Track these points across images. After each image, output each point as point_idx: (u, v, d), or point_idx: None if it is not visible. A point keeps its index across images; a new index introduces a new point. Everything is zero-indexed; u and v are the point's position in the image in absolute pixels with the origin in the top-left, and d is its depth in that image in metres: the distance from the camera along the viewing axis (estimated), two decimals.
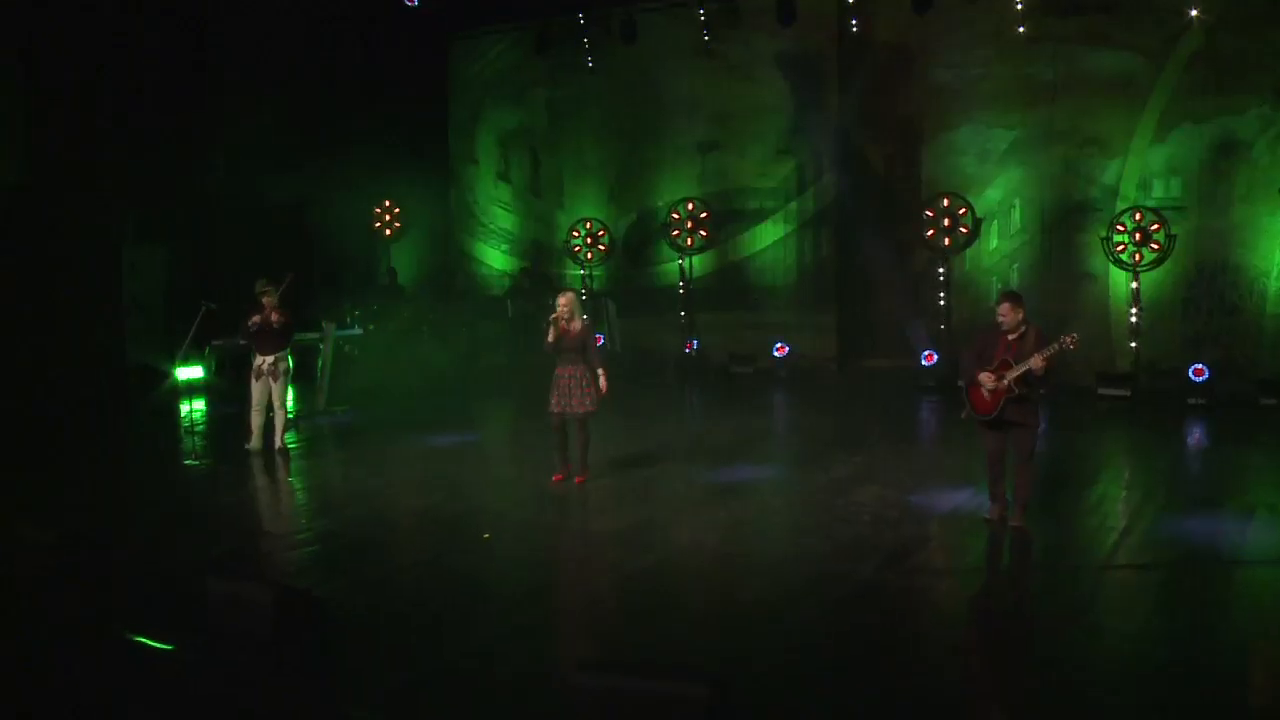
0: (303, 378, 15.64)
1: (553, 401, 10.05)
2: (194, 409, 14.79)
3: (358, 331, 17.05)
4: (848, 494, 9.83)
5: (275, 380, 11.99)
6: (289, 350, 12.19)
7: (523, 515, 9.35)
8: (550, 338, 9.94)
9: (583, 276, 19.57)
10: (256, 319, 11.86)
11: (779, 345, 17.71)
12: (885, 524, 8.92)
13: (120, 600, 7.00)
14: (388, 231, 19.98)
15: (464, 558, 8.16)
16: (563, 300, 9.96)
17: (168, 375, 14.21)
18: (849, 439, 12.41)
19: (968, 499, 9.53)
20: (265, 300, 11.88)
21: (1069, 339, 8.50)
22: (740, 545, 8.40)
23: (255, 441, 12.24)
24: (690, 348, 18.15)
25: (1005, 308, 8.66)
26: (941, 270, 16.22)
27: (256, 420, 12.20)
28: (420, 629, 6.70)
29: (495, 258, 21.49)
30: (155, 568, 7.71)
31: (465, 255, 21.69)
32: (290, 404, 15.20)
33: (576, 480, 10.13)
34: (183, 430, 12.75)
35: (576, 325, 9.96)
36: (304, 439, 13.17)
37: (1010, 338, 8.67)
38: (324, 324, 14.76)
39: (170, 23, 17.50)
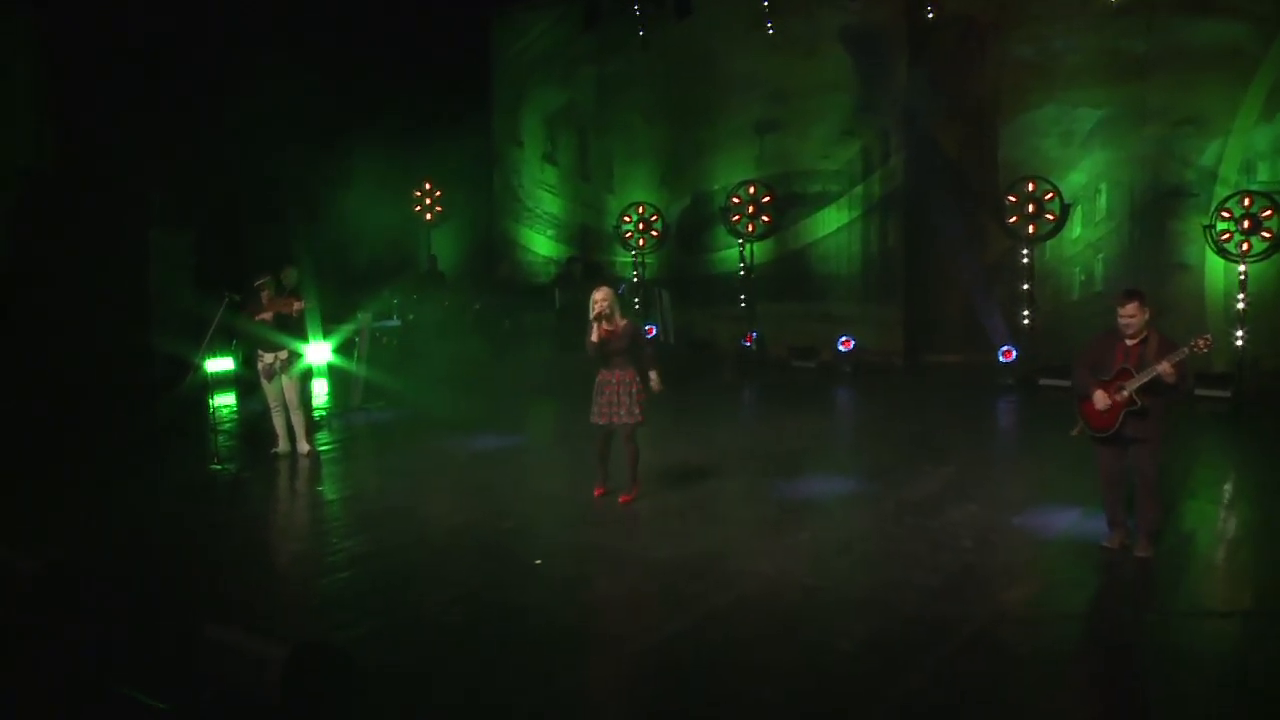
0: (337, 373, 14.81)
1: (596, 412, 9.00)
2: (222, 405, 13.98)
3: (395, 323, 16.10)
4: (941, 514, 8.74)
5: (287, 376, 11.09)
6: (298, 344, 11.26)
7: (574, 538, 8.33)
8: (594, 337, 8.90)
9: (634, 264, 18.53)
10: (265, 315, 10.97)
11: (844, 339, 16.58)
12: (990, 552, 7.85)
13: (109, 645, 6.04)
14: (428, 216, 19.00)
15: (510, 593, 7.14)
16: (599, 296, 8.94)
17: (195, 367, 13.34)
18: (931, 446, 11.30)
19: (1078, 522, 8.41)
20: (264, 295, 11.00)
21: (1202, 341, 7.43)
22: (829, 577, 7.33)
23: (282, 444, 11.37)
24: (749, 340, 17.05)
25: (1132, 308, 7.54)
26: (1026, 258, 14.97)
27: (278, 421, 11.34)
28: (457, 688, 5.71)
29: (541, 244, 20.52)
30: (157, 602, 6.76)
31: (510, 241, 20.75)
32: (325, 400, 14.38)
33: (622, 500, 9.10)
34: (209, 429, 11.85)
35: (620, 322, 8.95)
36: (336, 439, 12.26)
37: (1130, 343, 7.56)
38: (359, 315, 13.83)
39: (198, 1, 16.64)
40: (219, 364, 15.29)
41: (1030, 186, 14.62)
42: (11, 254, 15.22)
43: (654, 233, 18.28)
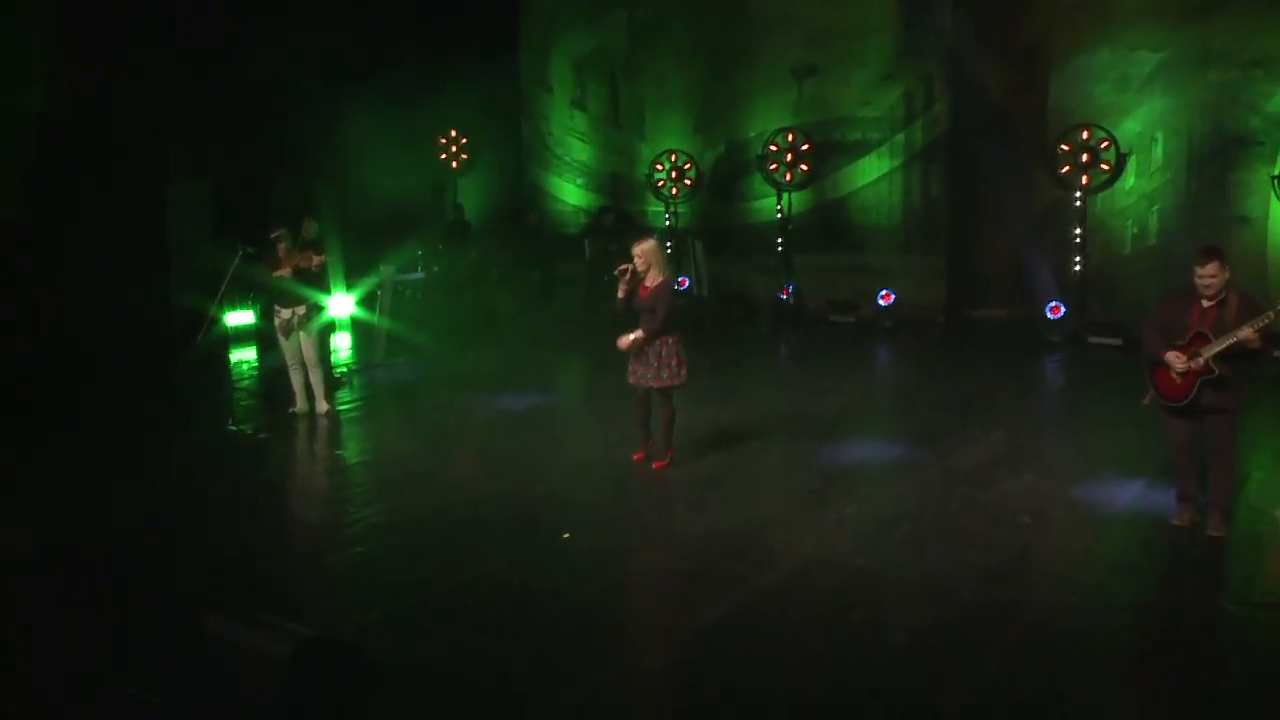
0: (360, 326, 14.38)
1: (632, 370, 8.52)
2: (242, 360, 13.58)
3: (419, 275, 15.61)
4: (994, 484, 8.21)
5: (306, 333, 10.64)
6: (318, 299, 10.80)
7: (605, 509, 7.85)
8: (621, 293, 8.36)
9: (666, 214, 17.94)
10: (283, 270, 10.50)
11: (884, 293, 15.98)
12: (1049, 529, 7.33)
13: (104, 631, 5.63)
14: (454, 164, 18.44)
15: (535, 571, 6.68)
16: (639, 250, 8.35)
17: (211, 322, 12.93)
18: (980, 408, 10.75)
19: (1142, 495, 7.87)
20: (280, 248, 10.53)
21: None
22: (878, 557, 6.83)
23: (300, 403, 10.96)
24: (786, 293, 16.46)
25: (1212, 267, 6.92)
26: (1078, 210, 14.26)
27: (296, 380, 10.92)
28: (473, 683, 5.28)
29: (571, 192, 19.93)
30: (159, 582, 6.35)
31: (539, 190, 20.15)
32: (348, 355, 13.95)
33: (655, 466, 8.64)
34: (227, 387, 11.46)
35: (656, 279, 8.37)
36: (358, 397, 11.84)
37: (1207, 304, 6.95)
38: (381, 268, 13.35)
39: None
40: (239, 317, 14.92)
41: (1084, 134, 13.89)
42: (27, 204, 14.82)
43: (687, 181, 17.68)
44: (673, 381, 8.39)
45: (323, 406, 10.90)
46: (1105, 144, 13.82)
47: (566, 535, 7.26)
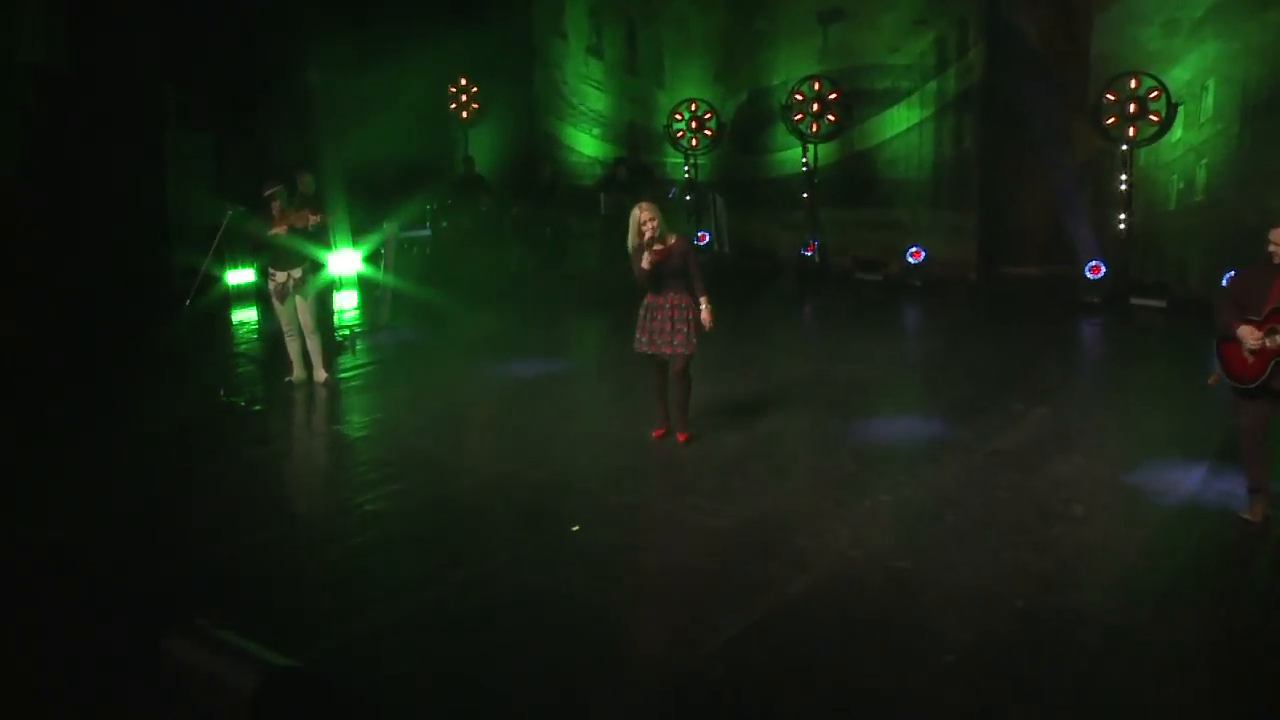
0: (368, 286, 13.75)
1: (644, 340, 7.90)
2: (243, 321, 12.98)
3: (425, 232, 14.92)
4: (1042, 468, 7.55)
5: (302, 297, 10.02)
6: (317, 260, 10.17)
7: (618, 496, 7.21)
8: (645, 264, 7.66)
9: (685, 166, 17.18)
10: (278, 229, 9.86)
11: (913, 250, 15.25)
12: (1107, 522, 6.66)
13: (55, 644, 5.06)
14: (464, 115, 17.65)
15: (539, 573, 6.05)
16: (646, 215, 7.65)
17: (207, 282, 12.31)
18: (1020, 378, 10.07)
19: (1206, 483, 7.21)
20: (275, 206, 9.88)
21: None
22: (918, 556, 6.17)
23: (297, 372, 10.37)
24: (810, 250, 15.73)
25: None
26: (1124, 164, 13.44)
27: (293, 347, 10.32)
28: (475, 709, 4.69)
29: (586, 143, 19.19)
30: (127, 584, 5.77)
31: (553, 140, 19.42)
32: (353, 317, 13.34)
33: (679, 438, 8.06)
34: (221, 352, 10.87)
35: (671, 240, 7.74)
36: (360, 364, 11.21)
37: None
38: (384, 225, 12.68)
39: None
40: (240, 276, 14.29)
41: (1133, 83, 13.03)
42: (26, 158, 14.24)
43: (707, 132, 16.91)
44: (694, 349, 7.81)
45: (321, 375, 10.31)
46: (1155, 93, 12.96)
47: (575, 528, 6.65)
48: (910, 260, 15.29)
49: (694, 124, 16.89)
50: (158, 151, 15.53)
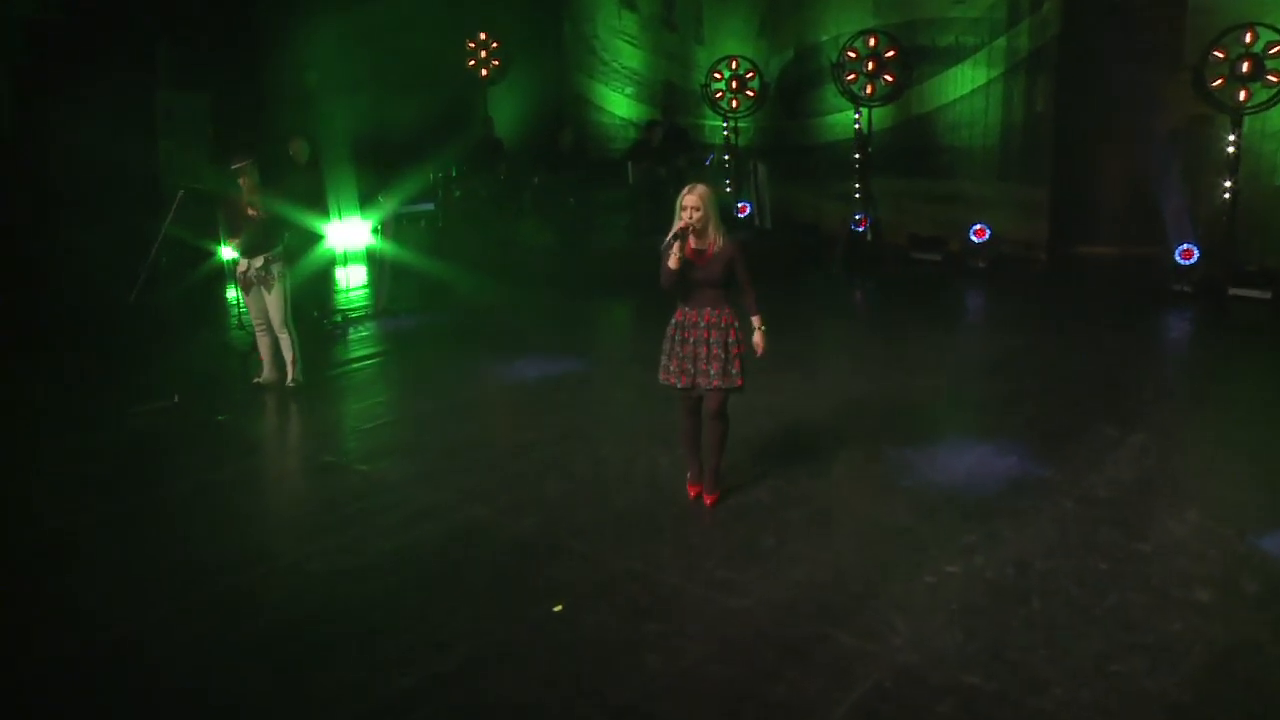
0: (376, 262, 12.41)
1: (669, 367, 6.28)
2: (227, 300, 11.71)
3: (428, 206, 13.49)
4: (1149, 527, 6.03)
5: (267, 290, 8.70)
6: (280, 248, 8.83)
7: (619, 560, 5.76)
8: (672, 263, 6.06)
9: (725, 130, 15.63)
10: (252, 212, 8.54)
11: (977, 227, 13.65)
12: (1247, 618, 5.13)
13: None
14: (483, 72, 16.14)
15: (511, 673, 4.66)
16: (692, 200, 6.03)
17: (208, 255, 11.06)
18: (1108, 390, 8.54)
19: None
20: (243, 182, 8.54)
21: None
22: (995, 667, 4.67)
23: (266, 372, 9.11)
24: (862, 225, 14.14)
25: None
26: (1233, 135, 11.70)
27: (263, 344, 9.08)
28: None
29: (619, 103, 17.70)
30: None
31: (583, 100, 17.95)
32: (356, 299, 12.05)
33: (706, 500, 6.48)
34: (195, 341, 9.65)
35: (716, 240, 6.12)
36: (345, 359, 9.90)
37: None
38: (381, 198, 11.31)
39: None
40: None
41: (1247, 37, 11.25)
42: (16, 115, 13.11)
43: (749, 92, 15.35)
44: (739, 382, 6.20)
45: (292, 377, 9.00)
46: (1276, 49, 11.16)
47: (557, 608, 5.24)
48: (973, 239, 13.71)
49: (734, 84, 15.33)
50: (149, 113, 14.33)
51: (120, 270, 11.47)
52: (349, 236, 13.79)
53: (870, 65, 13.63)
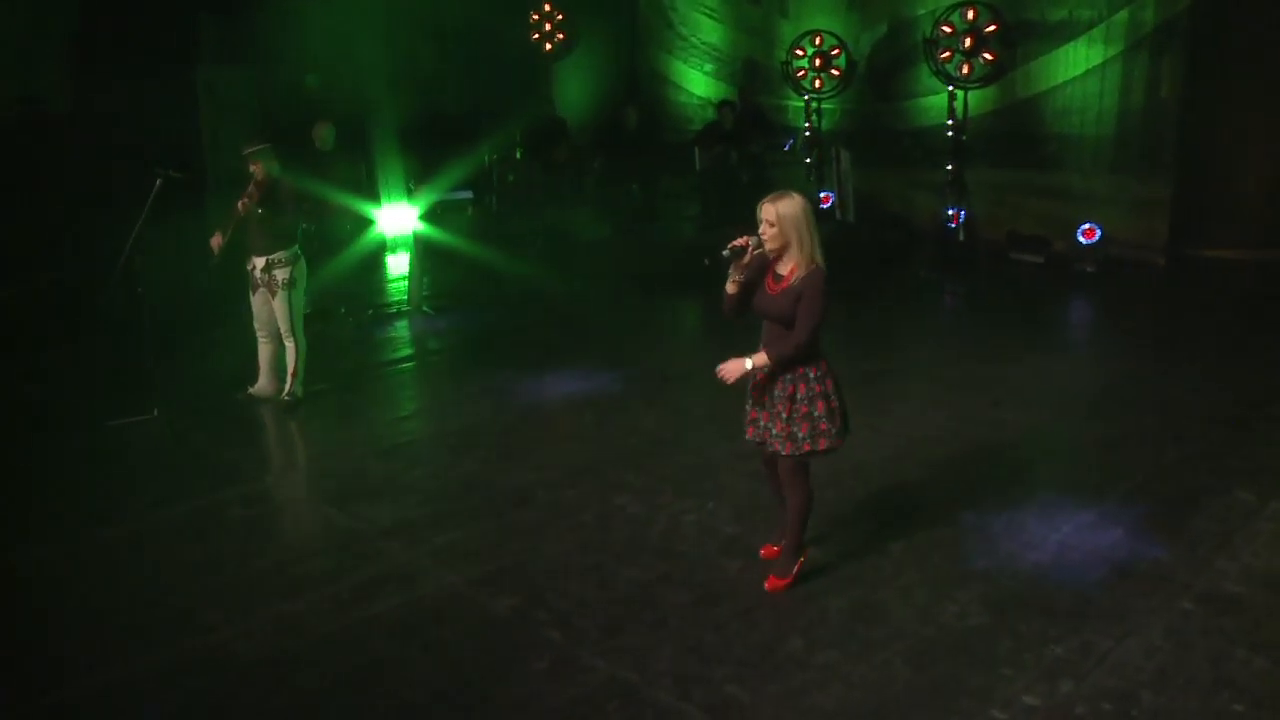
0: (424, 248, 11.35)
1: (750, 416, 5.07)
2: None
3: (466, 195, 12.39)
4: None
5: (272, 294, 7.68)
6: (297, 247, 7.80)
7: (613, 666, 4.57)
8: (729, 287, 4.86)
9: (807, 112, 14.25)
10: (243, 205, 7.53)
11: (1086, 227, 12.11)
12: None
13: None
14: (547, 46, 14.96)
15: None
16: (768, 212, 4.74)
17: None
18: (1240, 436, 7.05)
19: None
20: (254, 168, 7.52)
21: None
22: None
23: (260, 382, 8.11)
24: (955, 221, 12.66)
25: None
26: None
27: (263, 352, 8.09)
28: None
29: (697, 81, 16.44)
30: None
31: (659, 76, 16.72)
32: (399, 289, 11.05)
33: (769, 585, 5.15)
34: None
35: (799, 264, 4.79)
36: (354, 368, 8.89)
37: None
38: (409, 186, 10.27)
39: None
40: None
41: None
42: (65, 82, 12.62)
43: (834, 71, 13.97)
44: (817, 444, 4.90)
45: (288, 390, 7.97)
46: None
47: None
48: (1081, 239, 12.16)
49: (818, 61, 13.94)
50: (190, 88, 13.53)
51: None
52: (397, 223, 12.82)
53: (967, 41, 12.05)
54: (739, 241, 4.76)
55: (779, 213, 4.72)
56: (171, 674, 4.56)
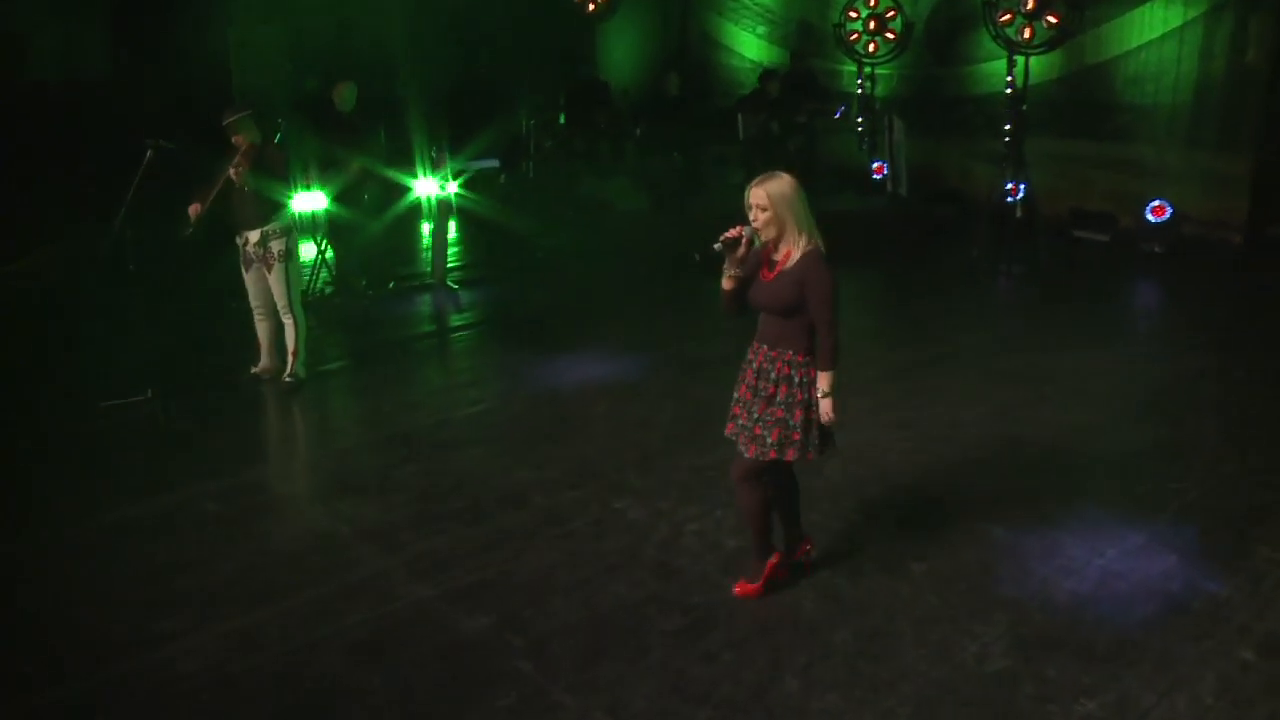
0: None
1: (731, 411, 4.62)
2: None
3: (491, 163, 11.87)
4: None
5: (268, 269, 7.26)
6: (287, 221, 7.38)
7: (585, 704, 4.08)
8: (725, 283, 4.41)
9: (859, 77, 13.54)
10: (234, 174, 7.11)
11: (1156, 204, 11.32)
12: None
13: None
14: (590, 6, 14.36)
15: None
16: (756, 196, 4.27)
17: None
18: None
19: None
20: (238, 140, 7.08)
21: None
22: None
23: (263, 361, 7.74)
24: (1013, 194, 11.87)
25: None
26: None
27: (261, 330, 7.70)
28: None
29: (749, 44, 15.77)
30: None
31: (709, 39, 16.06)
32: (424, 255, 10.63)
33: (737, 590, 4.77)
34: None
35: (793, 251, 4.31)
36: (363, 346, 8.47)
37: None
38: (431, 154, 9.81)
39: None
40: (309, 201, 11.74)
41: None
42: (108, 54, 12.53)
43: (889, 34, 13.22)
44: (784, 453, 4.41)
45: (290, 371, 7.58)
46: None
47: None
48: (1150, 216, 11.38)
49: (871, 24, 13.20)
50: (220, 47, 13.18)
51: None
52: (430, 189, 12.37)
53: (1029, 3, 11.24)
54: (732, 233, 4.27)
55: (770, 194, 4.24)
56: (106, 692, 4.16)
